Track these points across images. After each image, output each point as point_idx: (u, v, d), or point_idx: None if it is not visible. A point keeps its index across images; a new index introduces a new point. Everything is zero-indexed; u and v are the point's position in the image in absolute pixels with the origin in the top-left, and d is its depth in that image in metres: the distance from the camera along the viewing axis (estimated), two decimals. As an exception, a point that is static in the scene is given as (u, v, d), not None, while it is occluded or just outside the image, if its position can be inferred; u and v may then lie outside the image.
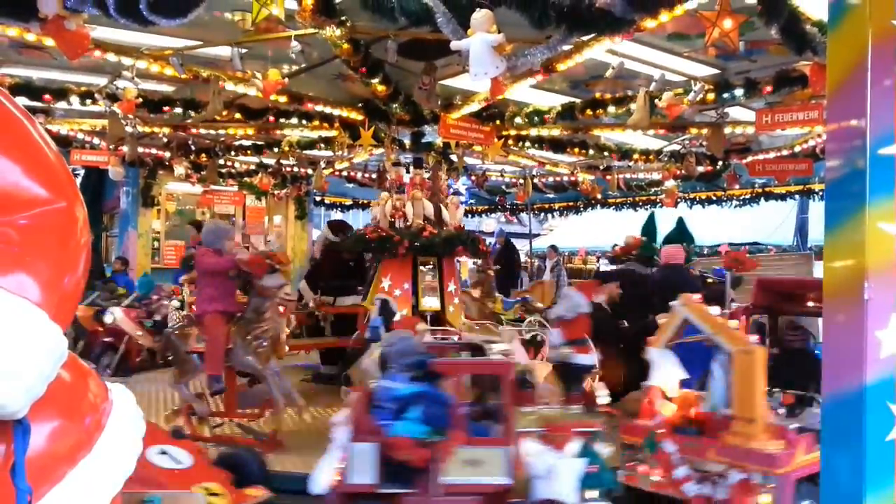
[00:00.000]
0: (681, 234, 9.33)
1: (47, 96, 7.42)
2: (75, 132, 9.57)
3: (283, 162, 12.27)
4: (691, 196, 13.80)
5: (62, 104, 7.76)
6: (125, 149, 9.40)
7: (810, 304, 5.28)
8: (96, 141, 9.99)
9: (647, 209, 14.41)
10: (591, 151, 9.90)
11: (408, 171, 8.51)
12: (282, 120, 8.43)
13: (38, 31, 5.15)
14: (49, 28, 4.62)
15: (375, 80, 6.51)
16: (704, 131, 8.45)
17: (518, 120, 8.05)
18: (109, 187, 14.02)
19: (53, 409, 1.00)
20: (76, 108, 8.04)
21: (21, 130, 1.06)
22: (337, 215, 17.37)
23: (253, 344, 5.99)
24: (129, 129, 8.63)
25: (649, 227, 9.89)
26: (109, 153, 9.72)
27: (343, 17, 5.22)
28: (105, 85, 7.20)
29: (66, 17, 4.51)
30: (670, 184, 11.43)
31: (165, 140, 10.61)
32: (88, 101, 7.50)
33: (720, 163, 10.65)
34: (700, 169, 10.60)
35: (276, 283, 6.04)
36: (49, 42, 5.37)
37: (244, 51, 6.17)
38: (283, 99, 7.48)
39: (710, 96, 6.67)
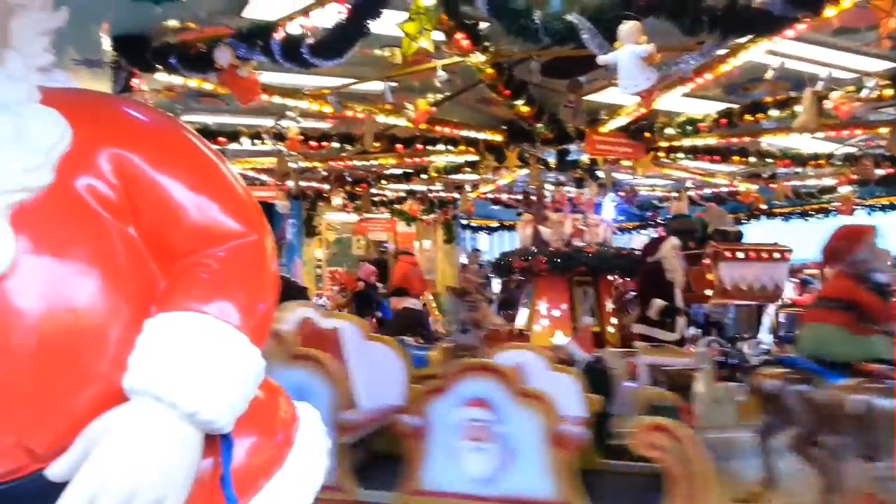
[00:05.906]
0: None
1: (221, 139, 8.16)
2: (245, 171, 10.40)
3: (431, 188, 12.60)
4: (870, 202, 12.55)
5: (234, 145, 8.49)
6: (290, 183, 10.08)
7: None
8: (263, 177, 10.78)
9: (819, 218, 13.26)
10: (752, 159, 9.29)
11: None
12: (429, 147, 8.69)
13: (214, 80, 5.66)
14: (224, 77, 5.09)
15: (520, 102, 6.54)
16: (882, 130, 7.69)
17: (669, 130, 7.75)
18: (276, 220, 14.99)
19: (251, 425, 1.08)
20: (246, 149, 8.75)
21: (215, 170, 1.13)
22: (483, 238, 17.50)
23: None
24: (292, 164, 9.26)
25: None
26: (276, 188, 10.45)
27: (486, 44, 5.31)
28: (272, 126, 7.78)
29: (238, 65, 4.97)
30: (845, 190, 10.49)
31: (324, 173, 11.28)
32: (257, 142, 8.15)
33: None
34: (879, 172, 9.63)
35: None
36: (222, 90, 5.90)
37: (394, 84, 6.44)
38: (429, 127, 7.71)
39: (887, 92, 6.06)
